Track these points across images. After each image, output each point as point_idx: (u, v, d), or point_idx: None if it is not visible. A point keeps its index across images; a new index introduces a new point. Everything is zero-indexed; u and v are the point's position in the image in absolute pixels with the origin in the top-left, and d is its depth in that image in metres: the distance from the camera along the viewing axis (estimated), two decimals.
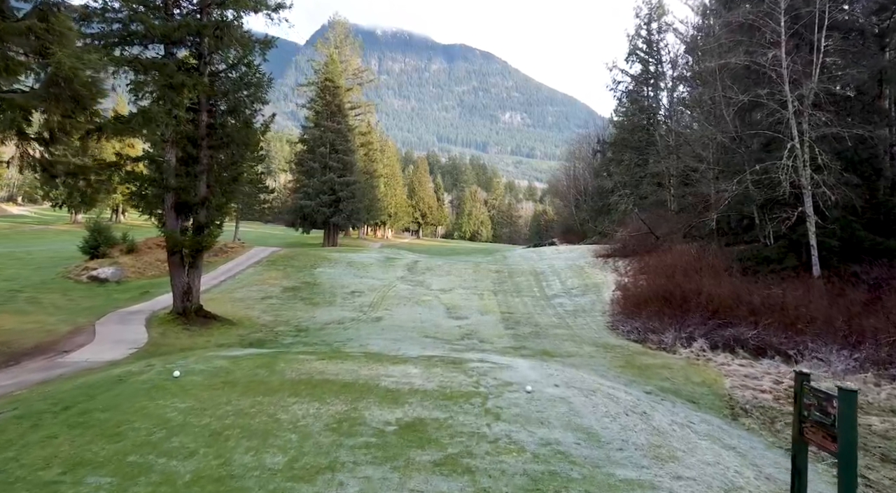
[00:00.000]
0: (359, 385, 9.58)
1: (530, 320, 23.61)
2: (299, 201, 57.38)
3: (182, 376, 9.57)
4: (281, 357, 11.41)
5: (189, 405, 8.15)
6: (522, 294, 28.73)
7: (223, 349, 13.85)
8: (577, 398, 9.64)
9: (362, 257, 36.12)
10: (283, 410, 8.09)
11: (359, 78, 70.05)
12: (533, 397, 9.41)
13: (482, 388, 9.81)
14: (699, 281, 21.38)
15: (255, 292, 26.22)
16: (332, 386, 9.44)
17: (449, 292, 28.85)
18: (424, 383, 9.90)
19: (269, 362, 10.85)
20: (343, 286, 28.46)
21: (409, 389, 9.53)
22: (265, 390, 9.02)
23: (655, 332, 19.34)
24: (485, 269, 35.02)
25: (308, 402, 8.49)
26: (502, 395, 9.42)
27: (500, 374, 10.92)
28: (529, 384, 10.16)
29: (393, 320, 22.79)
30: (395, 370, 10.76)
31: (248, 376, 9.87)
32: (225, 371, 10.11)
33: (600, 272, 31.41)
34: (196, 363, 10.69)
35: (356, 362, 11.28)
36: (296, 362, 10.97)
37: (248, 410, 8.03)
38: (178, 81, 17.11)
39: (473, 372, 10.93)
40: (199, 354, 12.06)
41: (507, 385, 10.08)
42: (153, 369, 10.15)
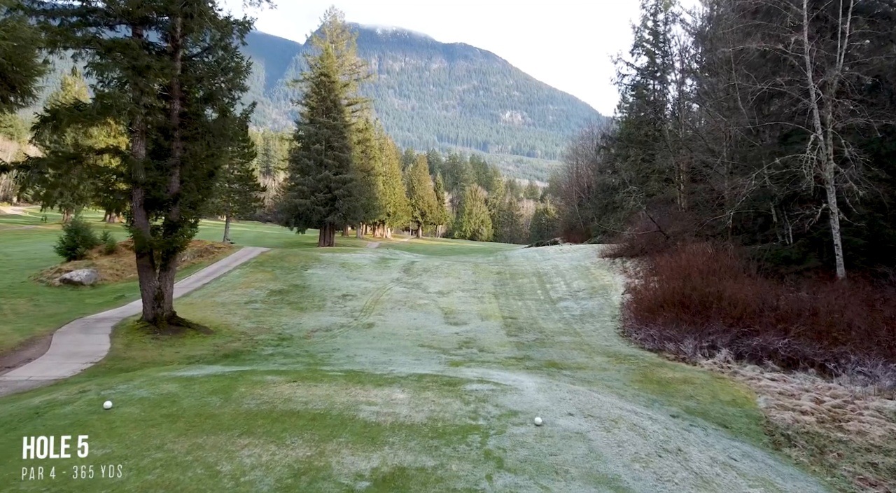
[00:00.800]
0: (331, 418, 7.83)
1: (534, 325, 21.86)
2: (294, 200, 55.61)
3: (115, 408, 7.82)
4: (243, 379, 9.66)
5: (108, 452, 6.41)
6: (525, 297, 26.98)
7: (183, 368, 12.10)
8: (597, 433, 7.89)
9: (356, 258, 34.38)
10: (227, 457, 6.35)
11: (356, 73, 68.20)
12: (543, 433, 7.66)
13: (481, 420, 8.06)
14: (719, 284, 19.60)
15: (238, 295, 24.48)
16: (298, 420, 7.69)
17: (447, 295, 27.11)
18: (412, 414, 8.16)
19: (227, 386, 9.11)
20: (334, 289, 26.72)
21: (392, 422, 7.79)
22: (212, 427, 7.27)
23: (673, 340, 17.57)
24: (485, 270, 33.26)
25: (263, 444, 6.75)
26: (506, 430, 7.68)
27: (503, 399, 9.18)
28: (538, 414, 8.42)
29: (386, 326, 21.05)
30: (379, 396, 9.02)
31: (197, 406, 8.12)
32: (170, 400, 8.36)
33: (608, 273, 29.65)
34: (139, 388, 8.94)
35: (333, 385, 9.54)
36: (260, 386, 9.22)
37: (182, 458, 6.29)
38: (143, 64, 15.36)
39: (471, 397, 9.18)
40: (150, 374, 10.30)
41: (512, 415, 8.33)
42: (83, 398, 8.40)
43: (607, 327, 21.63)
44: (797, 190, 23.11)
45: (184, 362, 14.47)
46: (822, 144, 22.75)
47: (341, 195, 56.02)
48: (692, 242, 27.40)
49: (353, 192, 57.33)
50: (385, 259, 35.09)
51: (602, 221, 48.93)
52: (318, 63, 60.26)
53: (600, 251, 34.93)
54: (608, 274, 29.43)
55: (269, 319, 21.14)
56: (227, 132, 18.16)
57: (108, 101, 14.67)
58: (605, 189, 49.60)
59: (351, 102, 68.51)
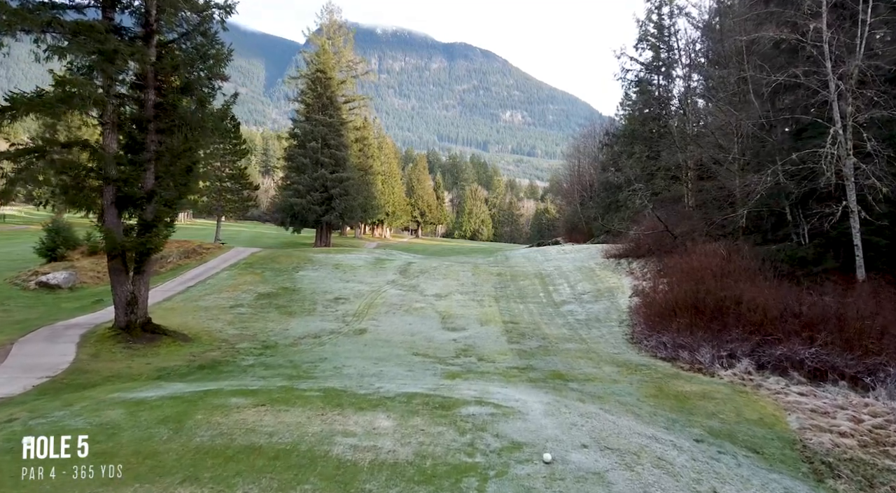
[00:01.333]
0: (298, 455, 6.52)
1: (537, 331, 20.53)
2: (289, 199, 54.28)
3: (34, 447, 6.50)
4: (204, 402, 8.35)
5: None
6: (527, 300, 25.65)
7: (143, 386, 10.76)
8: (618, 473, 6.58)
9: (351, 259, 33.05)
10: None
11: (353, 70, 66.80)
12: (554, 474, 6.35)
13: (479, 456, 6.75)
14: (735, 287, 18.28)
15: (224, 299, 23.16)
16: (258, 458, 6.38)
17: (445, 298, 25.78)
18: (396, 448, 6.84)
19: (181, 413, 7.78)
20: (325, 292, 25.39)
21: (371, 460, 6.47)
22: (149, 471, 5.96)
23: (688, 349, 16.24)
24: (485, 271, 31.93)
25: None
26: (508, 470, 6.36)
27: (505, 426, 7.86)
28: (547, 447, 7.11)
29: (379, 332, 19.72)
30: (359, 423, 7.71)
31: (139, 439, 6.80)
32: (109, 431, 7.04)
33: (613, 275, 28.31)
34: (77, 416, 7.62)
35: (307, 409, 8.22)
36: (221, 411, 7.90)
37: None
38: (109, 48, 14.03)
39: (468, 424, 7.87)
40: (98, 396, 8.97)
41: (516, 449, 7.02)
42: (4, 431, 7.08)
43: (615, 332, 20.30)
44: (815, 187, 21.80)
45: (153, 375, 13.14)
46: (842, 138, 21.44)
47: (338, 194, 54.69)
48: (702, 242, 26.07)
49: (349, 191, 56.01)
50: (381, 260, 33.77)
51: (605, 220, 47.63)
52: (315, 59, 58.90)
53: (604, 252, 33.60)
54: (614, 276, 28.10)
55: (255, 325, 19.82)
56: (207, 125, 16.79)
57: (71, 88, 13.33)
58: (609, 187, 48.27)
59: (348, 100, 67.16)
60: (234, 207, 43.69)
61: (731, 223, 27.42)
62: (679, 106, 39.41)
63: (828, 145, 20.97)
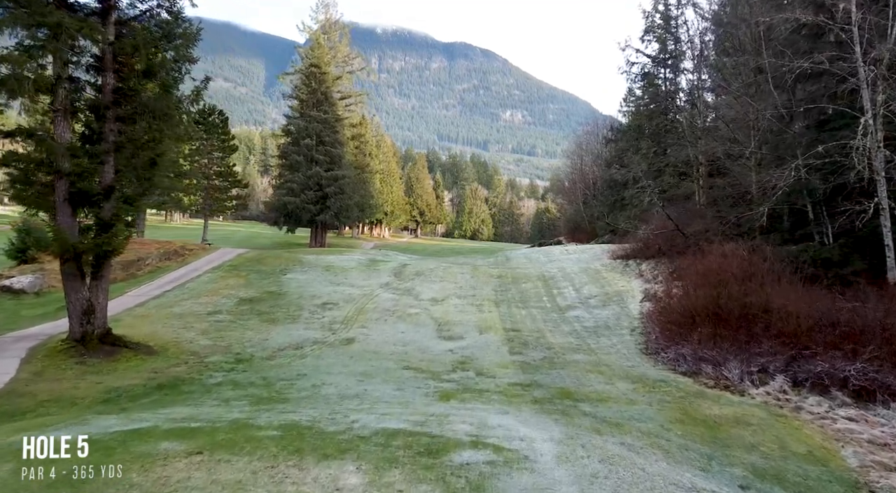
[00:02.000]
0: None
1: (541, 340, 18.75)
2: (283, 198, 52.53)
3: None
4: (123, 451, 6.55)
5: None
6: (530, 305, 23.87)
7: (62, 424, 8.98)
8: None
9: (342, 261, 31.26)
10: None
11: (349, 65, 65.07)
12: None
13: None
14: (761, 292, 16.50)
15: (201, 305, 21.38)
16: None
17: (441, 302, 24.00)
18: None
19: (89, 468, 5.99)
20: (313, 296, 23.61)
21: None
22: None
23: (711, 362, 14.44)
24: (485, 273, 30.14)
25: None
26: None
27: (509, 483, 6.08)
28: None
29: (368, 342, 17.95)
30: (319, 479, 5.92)
31: None
32: None
33: (622, 277, 26.51)
34: None
35: (256, 458, 6.43)
36: (140, 465, 6.10)
37: None
38: (52, 21, 12.25)
39: (461, 478, 6.10)
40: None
41: None
42: None
43: (627, 342, 18.50)
44: (844, 182, 20.02)
45: (99, 398, 11.37)
46: (872, 128, 19.65)
47: (333, 193, 52.96)
48: (717, 242, 24.28)
49: (345, 189, 54.26)
50: (374, 262, 31.98)
51: (610, 219, 45.83)
52: (309, 54, 57.13)
53: (611, 252, 31.82)
54: (622, 278, 26.30)
55: (232, 334, 18.03)
56: (172, 113, 15.00)
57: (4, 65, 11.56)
58: (613, 185, 46.48)
59: (344, 96, 65.45)
60: (222, 206, 41.86)
61: (747, 222, 25.65)
62: (688, 99, 37.62)
63: (858, 137, 19.20)
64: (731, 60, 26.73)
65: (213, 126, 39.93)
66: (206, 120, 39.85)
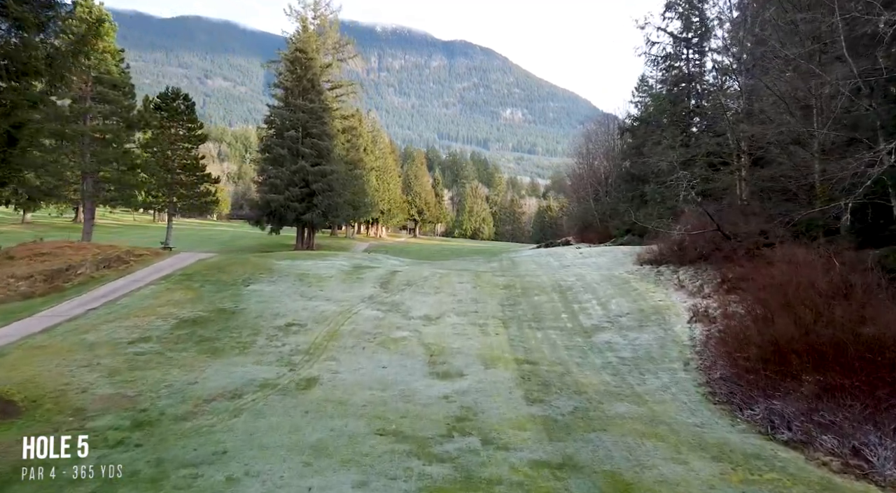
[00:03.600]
0: None
1: (567, 378, 14.07)
2: (265, 195, 47.90)
3: None
4: None
5: None
6: (546, 325, 19.18)
7: None
8: None
9: (321, 267, 26.56)
10: None
11: (339, 52, 60.32)
12: None
13: None
14: (878, 319, 11.80)
15: (126, 330, 16.69)
16: None
17: (436, 321, 19.32)
18: None
19: None
20: (276, 315, 18.94)
21: None
22: None
23: (833, 430, 9.76)
24: (488, 281, 25.44)
25: None
26: None
27: None
28: None
29: (335, 384, 13.27)
30: None
31: None
32: None
33: (656, 288, 21.82)
34: None
35: None
36: None
37: None
38: None
39: None
40: None
41: None
42: None
43: (682, 383, 13.80)
44: None
45: None
46: None
47: (320, 190, 48.30)
48: (776, 244, 19.61)
49: (334, 186, 49.57)
50: (359, 268, 27.29)
51: (626, 217, 41.10)
52: (295, 37, 52.41)
53: (636, 256, 27.16)
54: (657, 289, 21.60)
55: (150, 374, 13.33)
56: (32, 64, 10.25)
57: None
58: (631, 180, 41.74)
59: (334, 86, 60.79)
60: (187, 204, 37.06)
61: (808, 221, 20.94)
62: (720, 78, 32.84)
63: None
64: (788, 18, 21.96)
65: (176, 112, 35.17)
66: (169, 105, 35.11)
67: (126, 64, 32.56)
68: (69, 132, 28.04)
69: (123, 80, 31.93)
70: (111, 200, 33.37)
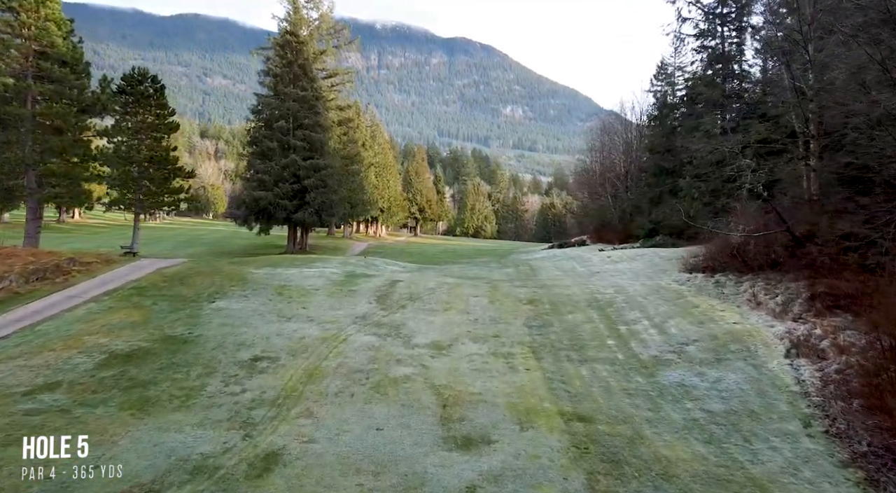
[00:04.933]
0: None
1: (642, 451, 9.74)
2: (252, 192, 43.46)
3: None
4: None
5: None
6: (589, 354, 14.82)
7: None
8: None
9: (307, 277, 22.22)
10: None
11: (335, 38, 55.81)
12: None
13: None
14: None
15: (30, 371, 12.34)
16: None
17: (447, 351, 14.99)
18: None
19: None
20: (241, 345, 14.59)
21: None
22: None
23: None
24: (508, 294, 21.07)
25: None
26: None
27: None
28: None
29: (305, 468, 8.95)
30: None
31: None
32: None
33: (722, 305, 17.46)
34: None
35: None
36: None
37: None
38: None
39: None
40: None
41: None
42: None
43: (812, 457, 9.46)
44: None
45: None
46: None
47: (313, 186, 43.82)
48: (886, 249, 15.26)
49: (328, 182, 45.09)
50: (353, 277, 22.96)
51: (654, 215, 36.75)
52: (286, 18, 47.94)
53: (680, 262, 22.85)
54: (725, 307, 17.23)
55: (29, 449, 9.02)
56: None
57: None
58: (658, 173, 37.30)
59: (330, 74, 56.42)
60: (153, 202, 32.49)
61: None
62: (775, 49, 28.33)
63: None
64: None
65: (143, 96, 30.64)
66: (134, 88, 30.55)
67: (78, 38, 28.02)
68: (6, 116, 23.64)
69: (74, 55, 27.40)
70: (56, 198, 28.84)
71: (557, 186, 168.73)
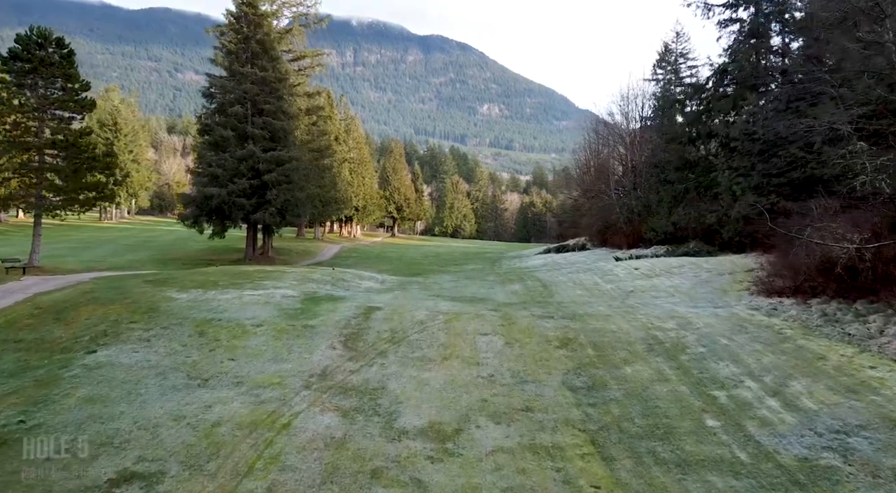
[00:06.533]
0: None
1: None
2: (203, 189, 36.99)
3: None
4: None
5: None
6: (686, 450, 9.08)
7: None
8: None
9: (248, 304, 16.04)
10: None
11: (303, 16, 49.40)
12: None
13: None
14: None
15: None
16: None
17: (453, 443, 9.07)
18: None
19: None
20: (103, 445, 8.45)
21: None
22: None
23: None
24: (529, 330, 15.08)
25: None
26: None
27: None
28: None
29: None
30: None
31: None
32: None
33: (860, 354, 11.84)
34: None
35: None
36: None
37: None
38: None
39: None
40: None
41: None
42: None
43: None
44: None
45: None
46: None
47: (275, 182, 37.51)
48: None
49: (293, 177, 38.78)
50: (313, 302, 16.84)
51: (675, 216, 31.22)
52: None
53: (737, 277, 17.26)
54: (871, 359, 11.61)
55: None
56: None
57: None
58: (683, 167, 31.76)
59: (297, 57, 50.03)
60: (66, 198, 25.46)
61: None
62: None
63: None
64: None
65: (45, 65, 23.83)
66: (33, 54, 23.67)
67: None
68: None
69: None
70: None
71: (537, 184, 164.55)
